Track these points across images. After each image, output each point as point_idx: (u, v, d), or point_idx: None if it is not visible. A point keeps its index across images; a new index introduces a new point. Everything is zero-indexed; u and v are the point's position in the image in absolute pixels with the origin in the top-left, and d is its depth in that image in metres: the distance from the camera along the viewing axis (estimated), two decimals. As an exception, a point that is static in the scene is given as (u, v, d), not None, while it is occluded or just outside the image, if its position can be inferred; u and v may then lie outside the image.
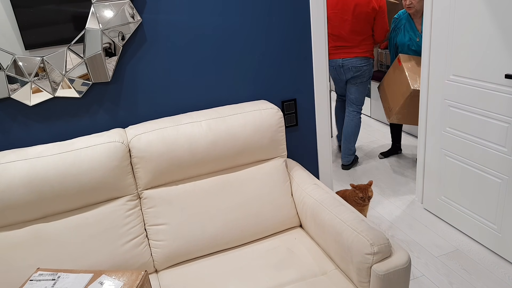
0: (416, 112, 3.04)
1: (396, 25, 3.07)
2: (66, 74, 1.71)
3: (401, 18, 3.05)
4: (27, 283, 1.29)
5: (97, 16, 1.68)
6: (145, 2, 1.76)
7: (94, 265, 1.59)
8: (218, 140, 1.75)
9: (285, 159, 1.94)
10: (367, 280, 1.45)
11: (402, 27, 3.00)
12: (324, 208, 1.69)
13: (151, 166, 1.69)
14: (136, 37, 1.80)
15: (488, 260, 2.26)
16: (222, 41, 1.94)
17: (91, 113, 1.83)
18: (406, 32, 2.96)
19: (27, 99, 1.70)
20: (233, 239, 1.76)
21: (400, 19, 3.06)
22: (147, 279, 1.29)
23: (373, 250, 1.41)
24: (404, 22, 2.99)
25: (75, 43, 1.69)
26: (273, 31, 2.01)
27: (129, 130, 1.74)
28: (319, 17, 2.06)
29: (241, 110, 1.84)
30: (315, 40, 2.09)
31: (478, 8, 2.05)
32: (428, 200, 2.72)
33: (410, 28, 2.94)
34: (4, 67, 1.63)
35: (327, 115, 2.25)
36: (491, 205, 2.24)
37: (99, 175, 1.60)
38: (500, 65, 2.01)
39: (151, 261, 1.69)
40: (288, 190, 1.88)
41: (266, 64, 2.05)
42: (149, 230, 1.71)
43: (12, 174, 1.52)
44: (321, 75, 2.17)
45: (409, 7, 2.89)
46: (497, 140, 2.11)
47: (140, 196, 1.73)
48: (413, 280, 2.17)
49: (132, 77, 1.84)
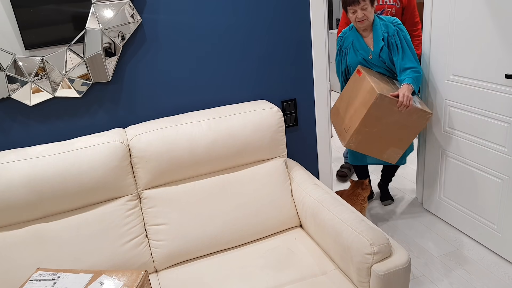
0: (384, 135, 2.28)
1: (342, 45, 2.52)
2: (66, 74, 1.71)
3: (346, 36, 2.49)
4: (27, 283, 1.29)
5: (97, 16, 1.68)
6: (145, 2, 1.77)
7: (94, 265, 1.59)
8: (218, 140, 1.75)
9: (285, 159, 1.94)
10: (367, 280, 1.45)
11: (350, 46, 2.46)
12: (324, 208, 1.69)
13: (151, 166, 1.69)
14: (136, 37, 1.80)
15: (488, 260, 2.26)
16: (222, 41, 1.94)
17: (91, 113, 1.83)
18: (356, 52, 2.42)
19: (27, 99, 1.70)
20: (233, 239, 1.76)
21: (345, 37, 2.50)
22: (147, 279, 1.29)
23: (373, 250, 1.41)
24: (351, 40, 2.45)
25: (75, 43, 1.69)
26: (274, 31, 2.01)
27: (129, 130, 1.74)
28: (319, 17, 2.06)
29: (241, 110, 1.84)
30: (315, 40, 2.09)
31: (479, 8, 2.05)
32: (428, 200, 2.72)
33: (359, 46, 2.40)
34: (4, 67, 1.63)
35: (327, 115, 2.25)
36: (491, 205, 2.24)
37: (99, 175, 1.60)
38: (500, 65, 2.01)
39: (151, 261, 1.69)
40: (288, 190, 1.88)
41: (266, 64, 2.05)
42: (149, 230, 1.71)
43: (12, 174, 1.52)
44: (321, 75, 2.17)
45: (362, 21, 2.30)
46: (497, 140, 2.11)
47: (140, 196, 1.74)
48: (413, 280, 2.17)
49: (132, 77, 1.84)
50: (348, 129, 2.32)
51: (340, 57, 2.56)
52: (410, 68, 2.32)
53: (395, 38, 2.33)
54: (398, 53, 2.33)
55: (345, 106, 2.40)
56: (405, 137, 2.31)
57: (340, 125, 2.42)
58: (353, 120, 2.29)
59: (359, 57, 2.42)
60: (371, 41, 2.40)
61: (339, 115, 2.45)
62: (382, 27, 2.35)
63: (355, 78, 2.36)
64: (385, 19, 2.37)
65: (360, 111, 2.23)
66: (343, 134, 2.38)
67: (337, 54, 2.57)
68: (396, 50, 2.33)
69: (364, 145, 2.31)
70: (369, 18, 2.31)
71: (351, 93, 2.36)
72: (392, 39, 2.33)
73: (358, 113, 2.25)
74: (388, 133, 2.28)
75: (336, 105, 2.48)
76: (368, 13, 2.29)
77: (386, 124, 2.24)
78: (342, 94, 2.44)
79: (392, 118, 2.22)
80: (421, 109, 2.23)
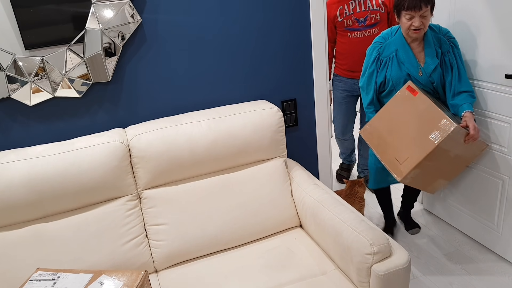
0: (440, 168, 2.00)
1: (381, 53, 2.07)
2: (66, 74, 1.71)
3: (388, 44, 2.06)
4: (27, 283, 1.29)
5: (97, 16, 1.68)
6: (145, 2, 1.77)
7: (94, 265, 1.59)
8: (218, 140, 1.75)
9: (285, 159, 1.94)
10: (367, 280, 1.45)
11: (393, 56, 2.04)
12: (324, 208, 1.69)
13: (151, 166, 1.69)
14: (136, 37, 1.80)
15: (488, 260, 2.26)
16: (222, 41, 1.94)
17: (91, 113, 1.83)
18: (400, 64, 2.02)
19: (27, 99, 1.70)
20: (233, 239, 1.76)
21: (386, 44, 2.06)
22: (147, 279, 1.29)
23: (373, 250, 1.41)
24: (395, 49, 2.03)
25: (75, 43, 1.69)
26: (274, 31, 2.01)
27: (129, 130, 1.74)
28: (319, 17, 2.06)
29: (241, 110, 1.84)
30: (315, 40, 2.09)
31: (478, 8, 2.05)
32: (428, 200, 2.72)
33: (406, 59, 2.00)
34: (4, 67, 1.63)
35: (327, 115, 2.25)
36: (491, 205, 2.24)
37: (99, 175, 1.60)
38: (500, 65, 2.01)
39: (151, 261, 1.69)
40: (288, 190, 1.88)
41: (266, 64, 2.05)
42: (149, 230, 1.71)
43: (12, 174, 1.52)
44: (321, 75, 2.17)
45: (418, 30, 1.92)
46: (497, 140, 2.11)
47: (140, 196, 1.74)
48: (413, 280, 2.17)
49: (132, 77, 1.84)
50: (405, 161, 1.92)
51: (376, 67, 2.09)
52: (466, 92, 2.02)
53: (449, 56, 2.00)
54: (452, 73, 2.01)
55: (392, 129, 1.99)
56: (456, 168, 2.07)
57: (390, 154, 1.99)
58: (413, 151, 1.90)
59: (404, 72, 2.03)
60: (421, 55, 2.01)
61: (383, 140, 2.02)
62: (435, 40, 2.00)
63: (406, 97, 1.96)
64: (435, 29, 2.03)
65: (426, 143, 1.86)
66: (395, 165, 1.96)
67: (372, 63, 2.10)
68: (450, 70, 2.01)
69: (419, 179, 2.00)
70: (426, 28, 1.94)
71: (401, 115, 1.97)
72: (446, 56, 2.00)
73: (421, 145, 1.88)
74: (445, 165, 2.01)
75: (375, 125, 2.06)
76: (427, 22, 1.92)
77: (448, 157, 1.96)
78: (384, 113, 2.03)
79: (456, 150, 1.95)
80: (483, 141, 2.05)
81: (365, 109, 2.21)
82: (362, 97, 2.22)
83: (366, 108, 2.20)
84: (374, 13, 2.64)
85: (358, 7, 2.63)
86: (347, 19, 2.65)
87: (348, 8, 2.65)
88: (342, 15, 2.66)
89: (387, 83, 2.09)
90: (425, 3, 1.86)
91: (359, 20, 2.64)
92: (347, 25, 2.67)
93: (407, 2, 1.88)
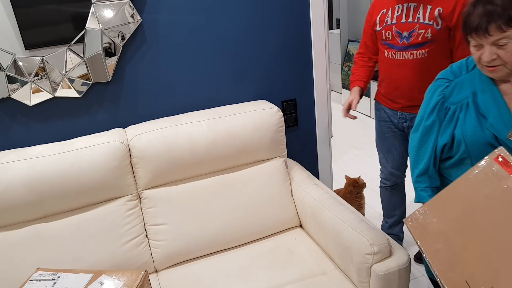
0: None
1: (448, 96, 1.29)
2: (66, 74, 1.71)
3: (460, 82, 1.28)
4: (27, 283, 1.29)
5: (97, 16, 1.68)
6: (145, 2, 1.77)
7: (94, 265, 1.59)
8: (218, 140, 1.75)
9: (285, 159, 1.94)
10: (367, 280, 1.45)
11: (468, 103, 1.25)
12: (324, 208, 1.69)
13: (151, 166, 1.69)
14: (136, 37, 1.80)
15: (488, 260, 2.25)
16: (222, 41, 1.94)
17: (91, 113, 1.83)
18: (481, 118, 1.23)
19: (27, 99, 1.70)
20: (233, 239, 1.76)
21: (457, 84, 1.29)
22: (147, 279, 1.29)
23: (373, 250, 1.41)
24: (472, 92, 1.25)
25: (75, 43, 1.69)
26: (274, 31, 2.01)
27: (129, 130, 1.74)
28: (319, 17, 2.06)
29: (241, 110, 1.85)
30: (315, 40, 2.09)
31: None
32: (428, 200, 2.71)
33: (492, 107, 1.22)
34: (4, 67, 1.63)
35: (327, 115, 2.25)
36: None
37: (99, 175, 1.60)
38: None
39: (151, 261, 1.69)
40: (288, 190, 1.88)
41: (266, 64, 2.05)
42: (149, 230, 1.71)
43: (12, 174, 1.52)
44: (321, 75, 2.17)
45: (493, 68, 1.16)
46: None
47: (140, 196, 1.74)
48: (413, 280, 2.17)
49: (132, 77, 1.84)
50: None
51: (439, 118, 1.31)
52: None
53: None
54: None
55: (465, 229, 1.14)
56: None
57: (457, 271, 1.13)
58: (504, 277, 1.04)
59: (486, 131, 1.21)
60: None
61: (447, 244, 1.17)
62: None
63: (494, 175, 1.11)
64: None
65: None
66: None
67: (432, 112, 1.32)
68: None
69: None
70: (508, 64, 1.14)
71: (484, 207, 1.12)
72: None
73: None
74: None
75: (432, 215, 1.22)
76: (506, 54, 1.12)
77: None
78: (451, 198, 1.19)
79: None
80: None
81: (413, 184, 1.42)
82: (411, 164, 1.43)
83: (415, 182, 1.41)
84: (424, 27, 1.76)
85: (404, 15, 1.80)
86: (387, 29, 1.85)
87: (392, 15, 1.84)
88: (382, 22, 1.87)
89: (456, 147, 1.29)
90: (497, 24, 1.09)
91: (401, 34, 1.81)
92: (385, 37, 1.88)
93: (469, 19, 1.15)
